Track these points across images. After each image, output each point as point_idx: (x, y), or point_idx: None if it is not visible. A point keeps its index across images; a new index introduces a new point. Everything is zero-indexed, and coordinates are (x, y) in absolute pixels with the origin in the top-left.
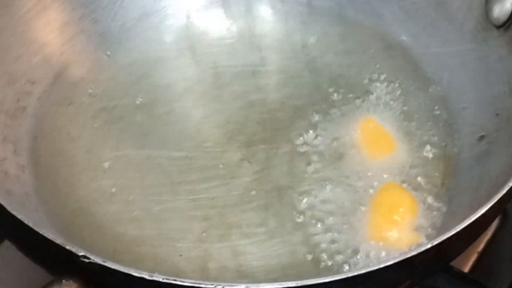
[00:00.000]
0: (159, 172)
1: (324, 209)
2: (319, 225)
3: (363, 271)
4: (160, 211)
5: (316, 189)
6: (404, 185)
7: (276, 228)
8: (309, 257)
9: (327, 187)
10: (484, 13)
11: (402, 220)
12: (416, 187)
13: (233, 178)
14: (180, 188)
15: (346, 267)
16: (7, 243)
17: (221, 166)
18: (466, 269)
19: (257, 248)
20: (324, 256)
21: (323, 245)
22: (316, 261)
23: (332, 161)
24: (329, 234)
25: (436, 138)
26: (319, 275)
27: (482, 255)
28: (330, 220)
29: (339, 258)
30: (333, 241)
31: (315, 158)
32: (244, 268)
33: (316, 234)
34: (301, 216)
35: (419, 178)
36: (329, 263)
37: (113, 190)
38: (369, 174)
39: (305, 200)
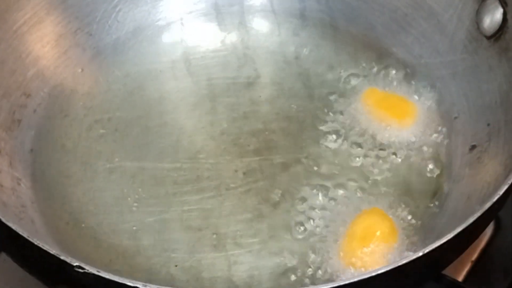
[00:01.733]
0: (154, 183)
1: (317, 221)
2: (312, 236)
3: (354, 280)
4: (155, 222)
5: (311, 200)
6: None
7: (269, 239)
8: (303, 267)
9: (322, 198)
10: (475, 24)
11: (375, 247)
12: (408, 197)
13: (227, 189)
14: (175, 199)
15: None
16: (3, 256)
17: (215, 177)
18: (460, 278)
19: (251, 258)
20: (316, 266)
21: (314, 256)
22: (310, 272)
23: (326, 173)
24: (322, 244)
25: (428, 148)
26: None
27: (476, 264)
28: (324, 231)
29: (329, 269)
30: (325, 252)
31: (309, 168)
32: (237, 278)
33: (309, 245)
34: (295, 227)
35: (411, 187)
36: (320, 273)
37: (108, 201)
38: (365, 186)
39: (299, 210)
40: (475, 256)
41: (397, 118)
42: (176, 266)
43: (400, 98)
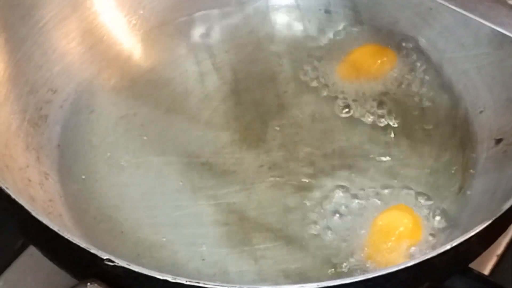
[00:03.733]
0: (180, 178)
1: (343, 216)
2: (338, 231)
3: (383, 273)
4: (181, 216)
5: (337, 195)
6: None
7: (296, 233)
8: (329, 261)
9: (348, 193)
10: None
11: (399, 243)
12: (435, 192)
13: (253, 183)
14: (201, 193)
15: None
16: (30, 250)
17: (240, 171)
18: (486, 272)
19: (277, 252)
20: (342, 260)
21: (340, 251)
22: (336, 265)
23: (353, 168)
24: (348, 239)
25: (453, 142)
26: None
27: (502, 258)
28: (349, 226)
29: (356, 263)
30: (351, 247)
31: (335, 163)
32: (264, 272)
33: (335, 240)
34: (321, 222)
35: (437, 183)
36: (347, 267)
37: (135, 196)
38: (392, 182)
39: (325, 205)
40: (500, 250)
41: None
42: (203, 260)
43: None
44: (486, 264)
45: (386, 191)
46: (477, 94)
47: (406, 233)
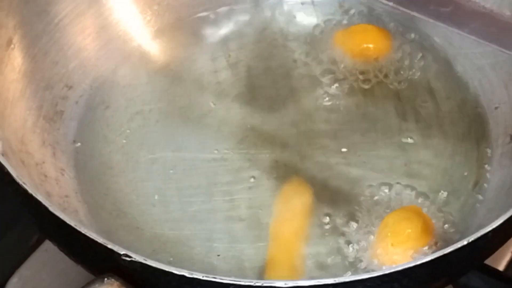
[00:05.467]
0: (195, 173)
1: (357, 213)
2: (351, 229)
3: (399, 268)
4: (197, 212)
5: (351, 192)
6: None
7: (311, 228)
8: (345, 257)
9: (362, 191)
10: None
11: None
12: (451, 188)
13: (268, 179)
14: (216, 189)
15: None
16: (45, 245)
17: (256, 167)
18: (500, 268)
19: None
20: (355, 258)
21: (352, 249)
22: (353, 262)
23: (368, 166)
24: (359, 237)
25: (469, 138)
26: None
27: None
28: (362, 224)
29: (367, 261)
30: (363, 245)
31: (350, 160)
32: None
33: (347, 237)
34: (333, 219)
35: (452, 179)
36: (362, 265)
37: (150, 192)
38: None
39: (338, 202)
40: None
41: None
42: (218, 255)
43: None
44: (501, 260)
45: (399, 186)
46: (493, 90)
47: (415, 235)
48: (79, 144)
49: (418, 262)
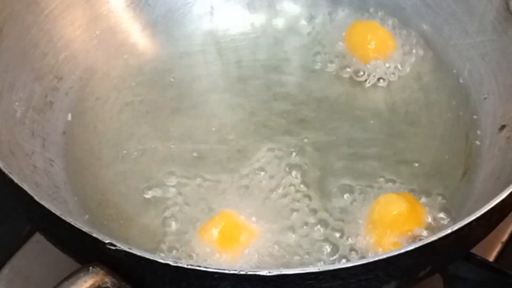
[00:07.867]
0: (185, 165)
1: (346, 202)
2: (343, 217)
3: (384, 256)
4: (187, 203)
5: (341, 181)
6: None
7: (301, 218)
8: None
9: (351, 180)
10: (504, 4)
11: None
12: (439, 178)
13: (259, 170)
14: (206, 180)
15: None
16: (36, 237)
17: (245, 158)
18: (491, 259)
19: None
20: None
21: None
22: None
23: (357, 154)
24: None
25: (457, 128)
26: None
27: (507, 245)
28: (353, 211)
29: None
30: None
31: (340, 149)
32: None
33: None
34: (324, 207)
35: (440, 169)
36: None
37: (140, 182)
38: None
39: (330, 190)
40: (505, 237)
41: None
42: None
43: None
44: (491, 251)
45: (388, 176)
46: (482, 81)
47: (405, 218)
48: (68, 135)
49: (403, 250)
